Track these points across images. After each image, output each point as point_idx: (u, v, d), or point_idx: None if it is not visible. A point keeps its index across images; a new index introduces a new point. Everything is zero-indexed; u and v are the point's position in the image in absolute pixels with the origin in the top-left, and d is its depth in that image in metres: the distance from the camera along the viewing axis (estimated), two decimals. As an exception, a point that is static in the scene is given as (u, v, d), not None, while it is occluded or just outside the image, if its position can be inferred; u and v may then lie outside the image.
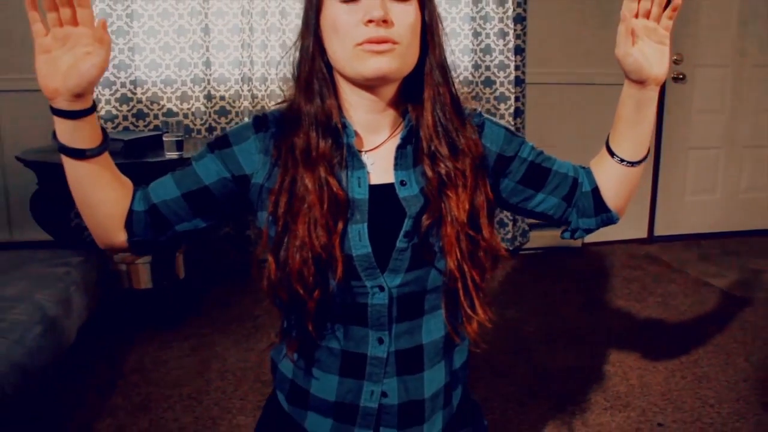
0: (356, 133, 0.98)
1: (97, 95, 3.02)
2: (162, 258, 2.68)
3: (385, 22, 0.89)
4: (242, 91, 3.21)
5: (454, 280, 0.96)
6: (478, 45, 3.40)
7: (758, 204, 4.14)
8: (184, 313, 2.75)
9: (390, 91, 0.97)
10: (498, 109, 3.45)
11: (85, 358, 2.28)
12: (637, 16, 0.94)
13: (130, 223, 1.00)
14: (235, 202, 1.02)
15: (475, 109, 1.05)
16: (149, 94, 3.14)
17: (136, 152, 2.57)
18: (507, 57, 3.40)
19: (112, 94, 3.08)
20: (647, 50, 0.95)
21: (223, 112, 3.24)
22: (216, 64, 3.19)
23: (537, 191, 1.06)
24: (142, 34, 3.09)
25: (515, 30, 3.39)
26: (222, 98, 3.23)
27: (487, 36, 3.38)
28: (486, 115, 1.05)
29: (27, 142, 2.97)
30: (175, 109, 3.18)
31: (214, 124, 3.24)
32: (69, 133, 0.90)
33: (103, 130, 0.95)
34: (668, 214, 4.01)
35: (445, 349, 1.04)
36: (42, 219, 2.64)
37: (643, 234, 4.00)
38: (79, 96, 0.88)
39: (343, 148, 0.96)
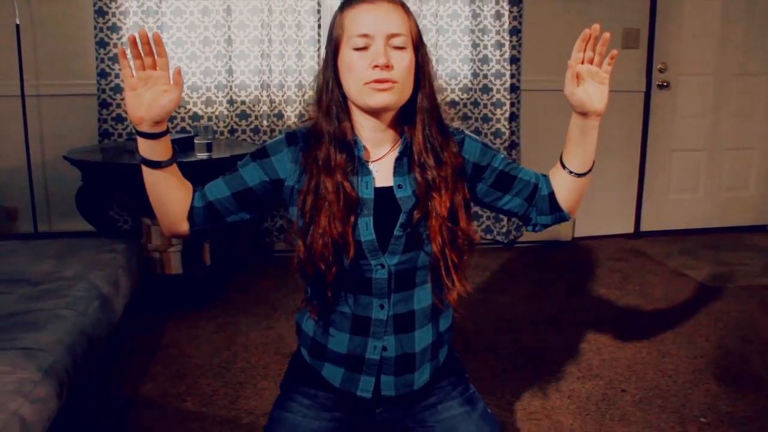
0: (365, 148, 1.25)
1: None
2: (190, 247, 2.97)
3: (387, 66, 1.17)
4: (261, 96, 3.48)
5: (437, 260, 1.23)
6: (476, 55, 3.65)
7: (737, 202, 4.30)
8: (211, 296, 3.01)
9: (390, 116, 1.24)
10: (494, 114, 3.70)
11: (128, 333, 2.55)
12: (582, 62, 1.23)
13: (191, 216, 1.27)
14: (272, 199, 1.30)
15: (458, 128, 1.34)
16: (177, 99, 3.42)
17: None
18: (503, 66, 3.64)
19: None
20: (590, 89, 1.21)
21: (243, 115, 3.51)
22: (238, 72, 3.46)
23: (505, 193, 1.33)
24: (171, 44, 3.35)
25: (511, 41, 3.62)
26: (243, 103, 3.50)
27: (485, 47, 3.62)
28: (467, 132, 1.34)
29: (67, 142, 3.21)
30: (200, 112, 3.45)
31: (235, 127, 3.51)
32: (149, 149, 1.18)
33: (174, 146, 1.25)
34: (654, 211, 4.18)
35: (432, 314, 1.31)
36: (85, 211, 2.93)
37: (629, 229, 4.18)
38: (158, 123, 1.15)
39: (354, 159, 1.24)
